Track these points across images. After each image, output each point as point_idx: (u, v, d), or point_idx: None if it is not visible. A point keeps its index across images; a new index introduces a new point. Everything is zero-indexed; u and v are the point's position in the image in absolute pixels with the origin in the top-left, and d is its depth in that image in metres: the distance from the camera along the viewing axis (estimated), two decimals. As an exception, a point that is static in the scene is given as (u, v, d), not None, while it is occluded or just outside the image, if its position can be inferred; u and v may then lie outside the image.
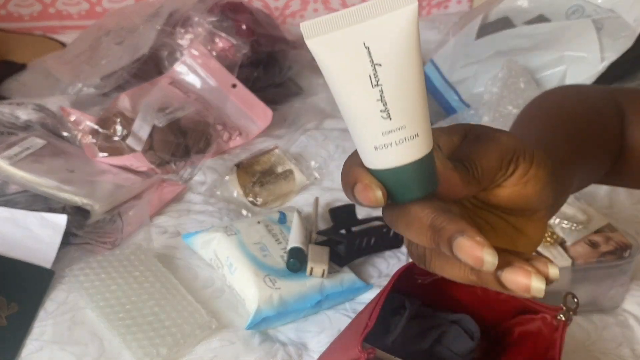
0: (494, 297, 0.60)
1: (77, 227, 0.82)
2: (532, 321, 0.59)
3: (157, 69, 1.16)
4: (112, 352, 0.67)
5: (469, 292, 0.62)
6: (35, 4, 1.45)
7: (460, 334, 0.61)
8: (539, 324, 0.59)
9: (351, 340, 0.52)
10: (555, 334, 0.56)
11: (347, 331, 0.62)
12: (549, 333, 0.57)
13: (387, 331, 0.60)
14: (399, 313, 0.60)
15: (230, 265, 0.75)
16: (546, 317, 0.57)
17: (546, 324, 0.58)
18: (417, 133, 0.30)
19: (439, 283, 0.61)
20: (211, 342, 0.69)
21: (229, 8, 1.19)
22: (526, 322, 0.60)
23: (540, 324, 0.58)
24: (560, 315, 0.56)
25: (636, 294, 0.79)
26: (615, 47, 1.00)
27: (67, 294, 0.74)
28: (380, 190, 0.31)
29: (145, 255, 0.78)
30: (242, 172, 0.96)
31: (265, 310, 0.70)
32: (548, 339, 0.57)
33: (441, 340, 0.61)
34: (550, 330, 0.57)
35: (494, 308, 0.61)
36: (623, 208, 0.98)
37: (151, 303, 0.71)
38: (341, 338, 0.63)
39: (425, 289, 0.61)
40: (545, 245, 0.73)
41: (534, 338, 0.59)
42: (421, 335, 0.62)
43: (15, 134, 0.95)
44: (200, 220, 0.88)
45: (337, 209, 0.86)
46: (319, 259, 0.74)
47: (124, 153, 0.97)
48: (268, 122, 1.09)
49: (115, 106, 1.05)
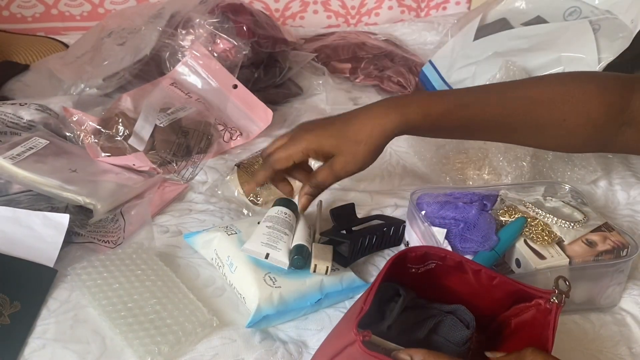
0: (486, 285, 0.61)
1: (79, 226, 0.83)
2: (527, 310, 0.61)
3: (158, 70, 1.17)
4: (114, 350, 0.68)
5: (463, 281, 0.62)
6: (37, 5, 1.46)
7: (455, 323, 0.62)
8: (533, 312, 0.60)
9: (347, 325, 0.53)
10: (548, 317, 0.57)
11: (342, 321, 0.63)
12: (543, 318, 0.58)
13: (382, 318, 0.61)
14: (393, 300, 0.61)
15: (230, 264, 0.76)
16: (540, 304, 0.59)
17: (540, 310, 0.59)
18: None
19: (433, 272, 0.62)
20: (212, 340, 0.70)
21: (230, 9, 1.20)
22: (521, 312, 0.61)
23: (534, 311, 0.60)
24: (554, 298, 0.57)
25: (633, 293, 0.79)
26: (612, 48, 1.01)
27: (69, 292, 0.74)
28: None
29: (147, 254, 0.78)
30: (242, 172, 0.96)
31: (265, 309, 0.71)
32: (542, 323, 0.58)
33: (437, 329, 0.62)
34: (544, 315, 0.58)
35: (488, 296, 0.62)
36: (620, 207, 0.99)
37: (153, 301, 0.71)
38: (337, 327, 0.63)
39: (420, 278, 0.62)
40: (542, 244, 0.74)
41: (529, 326, 0.60)
42: (417, 325, 0.62)
43: (18, 134, 0.96)
44: (202, 220, 0.89)
45: (338, 209, 0.86)
46: (323, 256, 0.75)
47: (126, 153, 0.97)
48: (268, 122, 1.10)
49: (117, 106, 1.05)
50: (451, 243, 0.75)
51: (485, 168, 0.98)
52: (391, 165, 1.05)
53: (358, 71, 1.31)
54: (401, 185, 1.01)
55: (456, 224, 0.76)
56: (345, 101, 1.25)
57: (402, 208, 0.92)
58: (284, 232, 0.77)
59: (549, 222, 0.76)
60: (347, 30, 1.55)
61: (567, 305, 0.73)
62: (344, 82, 1.32)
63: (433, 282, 0.63)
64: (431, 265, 0.61)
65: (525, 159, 0.96)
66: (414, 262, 0.60)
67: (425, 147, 1.05)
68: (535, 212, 0.77)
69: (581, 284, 0.75)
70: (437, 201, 0.79)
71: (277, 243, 0.75)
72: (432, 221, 0.77)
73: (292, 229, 0.79)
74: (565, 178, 0.99)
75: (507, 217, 0.77)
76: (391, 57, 1.35)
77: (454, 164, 1.01)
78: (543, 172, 0.99)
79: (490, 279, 0.60)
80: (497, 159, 0.96)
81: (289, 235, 0.77)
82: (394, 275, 0.60)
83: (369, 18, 1.63)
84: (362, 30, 1.53)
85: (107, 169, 0.96)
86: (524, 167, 0.95)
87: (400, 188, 1.00)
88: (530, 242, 0.75)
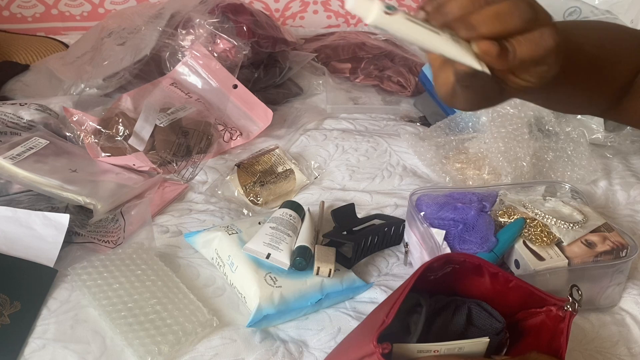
0: (502, 288, 0.60)
1: (79, 226, 0.83)
2: (536, 315, 0.60)
3: (158, 70, 1.17)
4: (115, 350, 0.68)
5: (478, 284, 0.62)
6: (37, 6, 1.46)
7: (483, 314, 0.61)
8: (542, 317, 0.59)
9: (366, 336, 0.53)
10: (561, 325, 0.57)
11: (361, 328, 0.62)
12: (553, 325, 0.58)
13: (407, 331, 0.59)
14: (415, 311, 0.60)
15: (231, 264, 0.76)
16: (551, 310, 0.58)
17: (550, 317, 0.59)
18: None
19: (449, 276, 0.61)
20: (212, 340, 0.70)
21: (230, 9, 1.20)
22: (529, 317, 0.61)
23: (544, 317, 0.59)
24: (567, 307, 0.57)
25: (633, 293, 0.79)
26: (612, 48, 1.01)
27: (69, 292, 0.74)
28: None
29: (147, 254, 0.78)
30: (242, 172, 0.96)
31: (266, 308, 0.71)
32: (552, 330, 0.58)
33: (470, 319, 0.61)
34: (555, 322, 0.58)
35: (501, 300, 0.61)
36: (620, 207, 0.99)
37: (153, 301, 0.71)
38: (353, 336, 0.62)
39: (436, 283, 0.62)
40: (541, 245, 0.74)
41: (536, 331, 0.60)
42: (447, 315, 0.61)
43: (18, 134, 0.96)
44: (202, 220, 0.89)
45: (339, 209, 0.86)
46: (326, 258, 0.75)
47: (126, 153, 0.97)
48: (268, 122, 1.10)
49: (118, 106, 1.05)
50: (450, 244, 0.75)
51: (485, 168, 0.98)
52: (391, 165, 1.05)
53: (358, 71, 1.31)
54: (401, 185, 1.01)
55: (455, 225, 0.75)
56: (345, 101, 1.26)
57: (402, 208, 0.93)
58: (287, 233, 0.77)
59: (548, 223, 0.76)
60: (347, 30, 1.55)
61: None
62: (344, 82, 1.32)
63: (448, 286, 0.62)
64: (448, 269, 0.60)
65: (525, 159, 0.96)
66: (434, 270, 0.60)
67: (425, 147, 1.05)
68: (534, 213, 0.77)
69: (580, 284, 0.74)
70: (436, 202, 0.79)
71: (279, 244, 0.75)
72: (431, 222, 0.77)
73: (296, 231, 0.79)
74: (565, 178, 0.99)
75: (506, 218, 0.77)
76: (391, 57, 1.35)
77: (454, 164, 1.01)
78: (543, 172, 0.99)
79: (506, 281, 0.60)
80: (497, 159, 0.96)
81: (292, 237, 0.77)
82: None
83: (369, 18, 1.62)
84: (362, 30, 1.53)
85: (107, 169, 0.96)
86: (524, 167, 0.95)
87: (400, 188, 1.00)
88: (529, 243, 0.75)
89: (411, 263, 0.83)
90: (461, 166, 1.01)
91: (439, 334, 0.60)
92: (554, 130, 1.04)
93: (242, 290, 0.75)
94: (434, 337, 0.60)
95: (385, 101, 1.28)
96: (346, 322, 0.74)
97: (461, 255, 0.59)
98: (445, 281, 0.62)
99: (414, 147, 1.07)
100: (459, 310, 0.62)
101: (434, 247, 0.75)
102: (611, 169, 1.07)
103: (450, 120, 1.08)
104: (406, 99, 1.28)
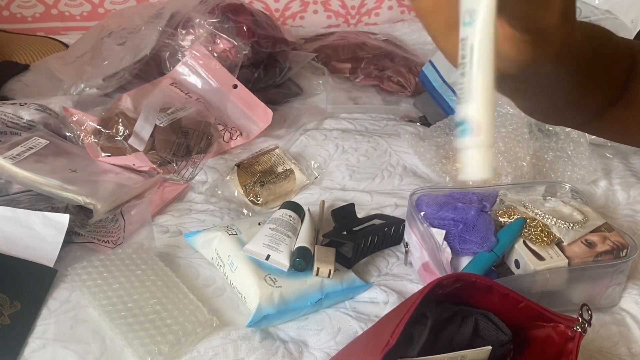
0: (511, 308, 0.60)
1: (79, 226, 0.83)
2: (541, 327, 0.59)
3: (158, 70, 1.17)
4: (114, 350, 0.68)
5: (486, 300, 0.61)
6: (37, 5, 1.46)
7: (489, 325, 0.60)
8: (548, 331, 0.59)
9: (370, 354, 0.52)
10: (570, 344, 0.56)
11: (365, 342, 0.61)
12: (559, 340, 0.57)
13: (410, 342, 0.58)
14: (420, 322, 0.59)
15: (231, 264, 0.76)
16: (559, 326, 0.58)
17: (557, 332, 0.58)
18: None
19: (457, 291, 0.60)
20: (212, 340, 0.70)
21: (230, 9, 1.20)
22: (535, 328, 0.60)
23: (550, 331, 0.58)
24: (577, 327, 0.56)
25: (633, 293, 0.79)
26: (612, 48, 1.00)
27: (69, 292, 0.74)
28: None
29: (147, 254, 0.78)
30: (242, 172, 0.96)
31: (266, 308, 0.71)
32: (558, 346, 0.57)
33: (478, 331, 0.61)
34: (561, 338, 0.57)
35: (509, 317, 0.61)
36: (620, 207, 0.99)
37: (153, 301, 0.71)
38: (358, 348, 0.61)
39: (444, 298, 0.61)
40: (541, 245, 0.74)
41: (541, 344, 0.59)
42: (454, 324, 0.61)
43: (18, 134, 0.96)
44: (202, 220, 0.89)
45: (339, 209, 0.86)
46: (326, 259, 0.75)
47: (126, 153, 0.97)
48: (268, 122, 1.10)
49: (117, 106, 1.05)
50: (450, 244, 0.75)
51: (485, 168, 0.98)
52: (391, 165, 1.05)
53: (358, 71, 1.31)
54: (401, 185, 1.01)
55: (455, 225, 0.75)
56: (346, 101, 1.26)
57: (402, 208, 0.93)
58: (286, 234, 0.77)
59: (548, 222, 0.76)
60: (347, 30, 1.55)
61: (566, 306, 0.74)
62: (344, 82, 1.32)
63: (455, 300, 0.62)
64: (458, 285, 0.60)
65: (525, 159, 0.96)
66: (443, 287, 0.59)
67: (425, 147, 1.05)
68: (534, 212, 0.77)
69: (580, 284, 0.75)
70: (436, 202, 0.79)
71: (278, 245, 0.75)
72: (432, 222, 0.77)
73: (296, 232, 0.79)
74: (565, 178, 0.99)
75: (506, 218, 0.77)
76: (391, 57, 1.35)
77: (454, 164, 1.01)
78: (543, 172, 0.99)
79: (516, 302, 0.59)
80: (497, 159, 0.96)
81: (292, 238, 0.77)
82: None
83: (369, 18, 1.63)
84: (362, 30, 1.53)
85: (107, 169, 0.96)
86: (524, 167, 0.95)
87: (400, 188, 1.00)
88: (529, 243, 0.75)
89: (411, 263, 0.83)
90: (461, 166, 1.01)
91: (444, 345, 0.60)
92: (554, 130, 1.04)
93: (242, 290, 0.75)
94: (440, 348, 0.59)
95: (385, 101, 1.28)
96: (346, 322, 0.74)
97: (472, 276, 0.58)
98: (453, 296, 0.61)
99: (414, 147, 1.07)
100: (465, 321, 0.61)
101: (434, 247, 0.75)
102: (611, 169, 1.07)
103: (450, 120, 1.08)
104: (406, 99, 1.28)
